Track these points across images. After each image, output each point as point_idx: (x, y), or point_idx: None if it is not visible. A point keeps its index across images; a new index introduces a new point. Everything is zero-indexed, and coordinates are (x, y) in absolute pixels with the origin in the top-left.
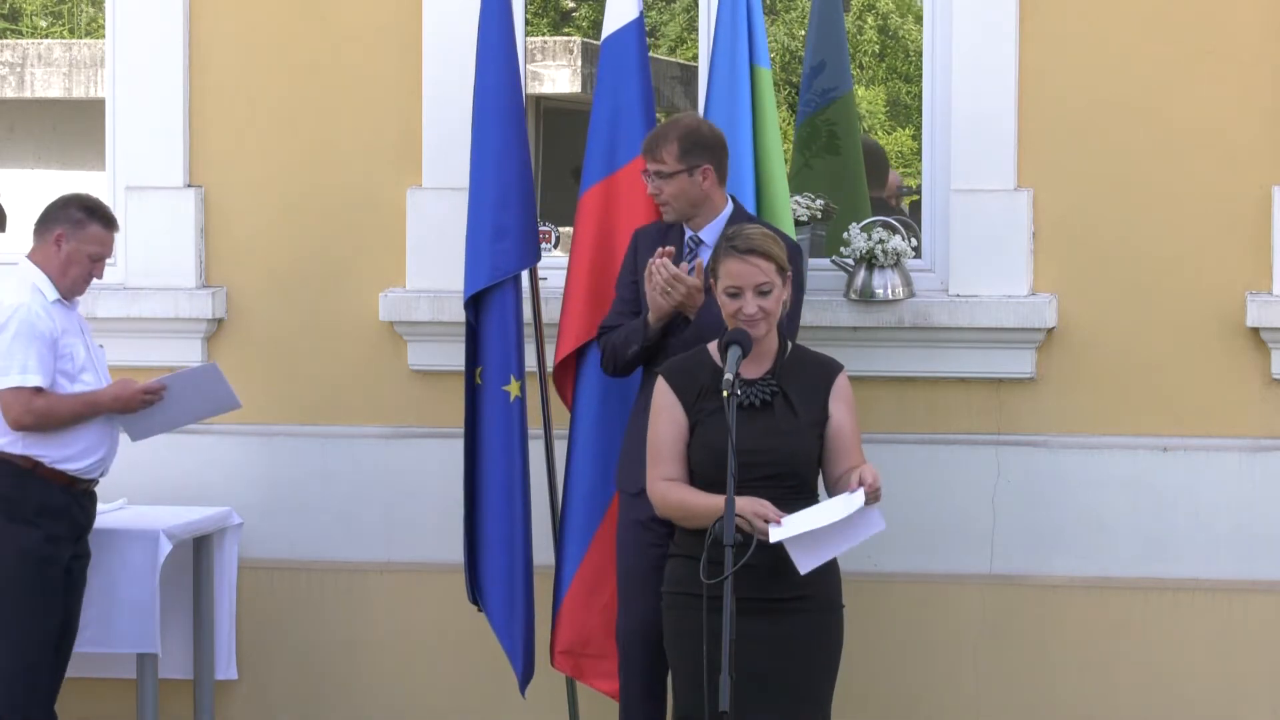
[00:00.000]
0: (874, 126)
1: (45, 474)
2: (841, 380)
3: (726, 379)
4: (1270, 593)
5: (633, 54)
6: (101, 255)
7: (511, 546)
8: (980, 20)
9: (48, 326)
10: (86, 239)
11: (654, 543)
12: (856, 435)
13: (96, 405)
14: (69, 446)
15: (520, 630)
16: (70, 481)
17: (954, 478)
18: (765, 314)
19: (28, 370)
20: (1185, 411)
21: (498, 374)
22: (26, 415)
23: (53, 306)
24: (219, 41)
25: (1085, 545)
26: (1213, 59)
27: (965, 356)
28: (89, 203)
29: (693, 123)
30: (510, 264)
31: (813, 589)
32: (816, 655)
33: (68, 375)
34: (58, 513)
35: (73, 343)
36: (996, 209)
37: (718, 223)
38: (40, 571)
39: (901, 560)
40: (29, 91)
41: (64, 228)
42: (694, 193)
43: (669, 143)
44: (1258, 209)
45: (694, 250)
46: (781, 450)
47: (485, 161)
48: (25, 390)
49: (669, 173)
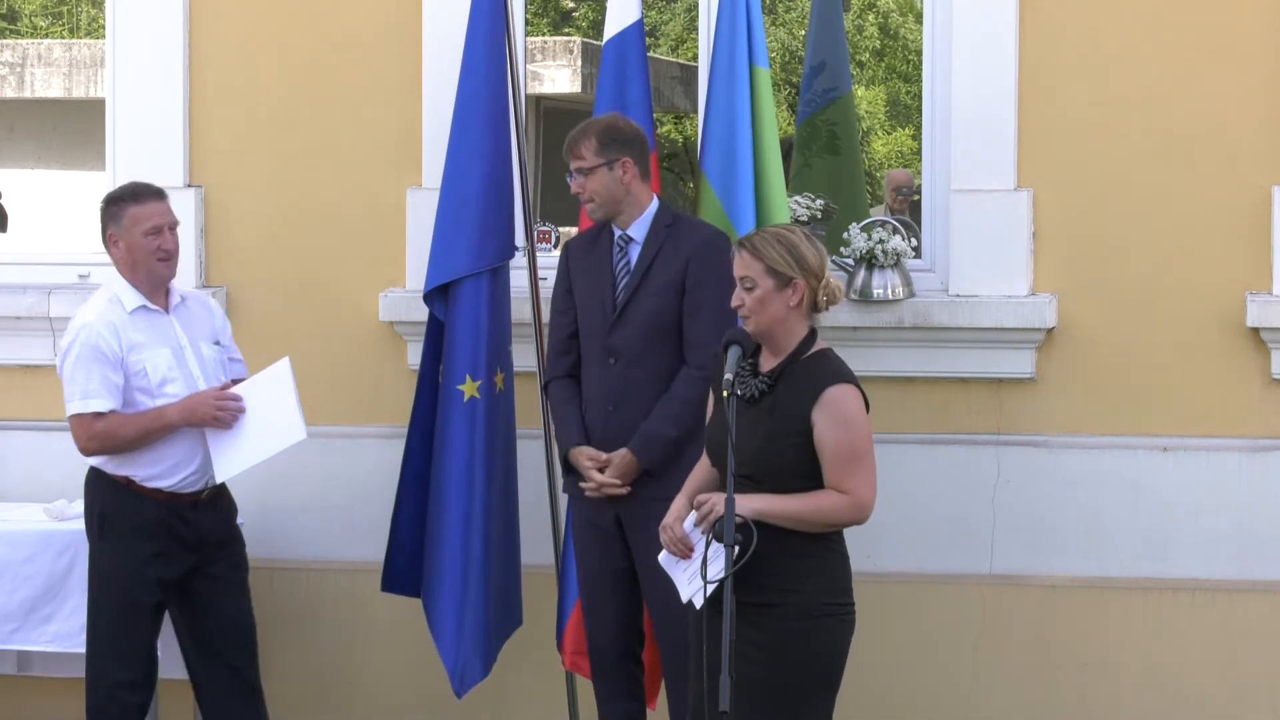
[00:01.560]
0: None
1: (139, 490)
2: (833, 394)
3: (726, 379)
4: (1270, 593)
5: (634, 56)
6: (157, 227)
7: (466, 555)
8: (980, 20)
9: (110, 346)
10: (131, 223)
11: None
12: (840, 454)
13: (164, 419)
14: (156, 465)
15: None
16: (169, 497)
17: (954, 478)
18: (749, 309)
19: (89, 395)
20: (1185, 411)
21: (453, 373)
22: (91, 441)
23: (131, 317)
24: (219, 41)
25: (1085, 545)
26: (1213, 59)
27: (965, 356)
28: (114, 193)
29: (611, 119)
30: (461, 264)
31: (789, 596)
32: (790, 663)
33: (145, 391)
34: (151, 530)
35: (149, 356)
36: (996, 209)
37: (644, 219)
38: (126, 591)
39: (901, 560)
40: (29, 91)
41: (109, 227)
42: (615, 188)
43: (587, 138)
44: (1258, 209)
45: (624, 249)
46: (753, 450)
47: (455, 159)
48: (87, 416)
49: (589, 168)
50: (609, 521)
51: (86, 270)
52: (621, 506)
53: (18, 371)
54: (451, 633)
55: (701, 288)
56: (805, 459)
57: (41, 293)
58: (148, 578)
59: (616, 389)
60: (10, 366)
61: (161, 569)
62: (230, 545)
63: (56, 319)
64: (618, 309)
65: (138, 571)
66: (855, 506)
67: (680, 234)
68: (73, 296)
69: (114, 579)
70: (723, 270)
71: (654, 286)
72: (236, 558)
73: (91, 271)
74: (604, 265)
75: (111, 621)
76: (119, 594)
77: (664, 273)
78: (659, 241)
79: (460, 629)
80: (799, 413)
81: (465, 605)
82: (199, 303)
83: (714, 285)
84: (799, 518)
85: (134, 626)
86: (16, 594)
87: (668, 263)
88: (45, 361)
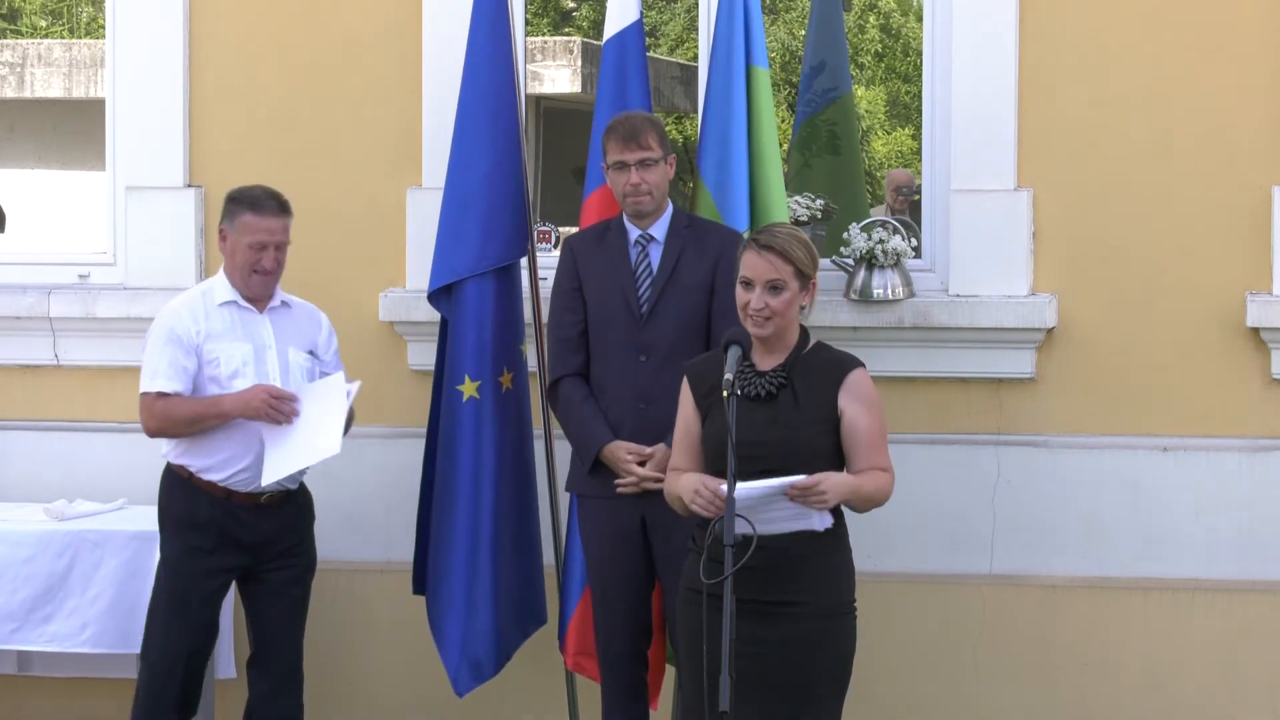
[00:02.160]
0: (874, 126)
1: (200, 484)
2: (855, 377)
3: (726, 379)
4: (1270, 593)
5: (634, 56)
6: (262, 243)
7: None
8: (980, 20)
9: (187, 331)
10: (240, 229)
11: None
12: (874, 434)
13: (220, 407)
14: (211, 456)
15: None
16: (227, 494)
17: (954, 478)
18: (773, 312)
19: (157, 375)
20: (1185, 411)
21: (453, 374)
22: (150, 420)
23: (221, 309)
24: (219, 41)
25: (1085, 545)
26: (1213, 59)
27: (965, 356)
28: (242, 193)
29: (652, 116)
30: (463, 265)
31: (809, 594)
32: (810, 661)
33: (215, 381)
34: (204, 526)
35: (224, 347)
36: (996, 209)
37: (665, 219)
38: (172, 583)
39: (901, 560)
40: (29, 91)
41: (224, 224)
42: (665, 183)
43: (651, 129)
44: (1258, 209)
45: (645, 248)
46: (777, 444)
47: (458, 160)
48: (150, 395)
49: (655, 159)
50: (633, 522)
51: (86, 270)
52: (648, 507)
53: (18, 371)
54: (456, 634)
55: (730, 288)
56: (833, 444)
57: (41, 293)
58: (193, 571)
59: (648, 385)
60: (10, 366)
61: (210, 565)
62: (292, 556)
63: (56, 319)
64: (649, 307)
65: (184, 564)
66: (892, 482)
67: (700, 235)
68: (73, 296)
69: (165, 568)
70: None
71: (684, 285)
72: (297, 572)
73: (91, 271)
74: (621, 263)
75: (156, 610)
76: (168, 583)
77: (694, 272)
78: (681, 241)
79: (466, 630)
80: (826, 400)
81: (471, 606)
82: (306, 313)
83: None
84: (868, 496)
85: (177, 618)
86: (17, 594)
87: (695, 262)
88: (45, 361)
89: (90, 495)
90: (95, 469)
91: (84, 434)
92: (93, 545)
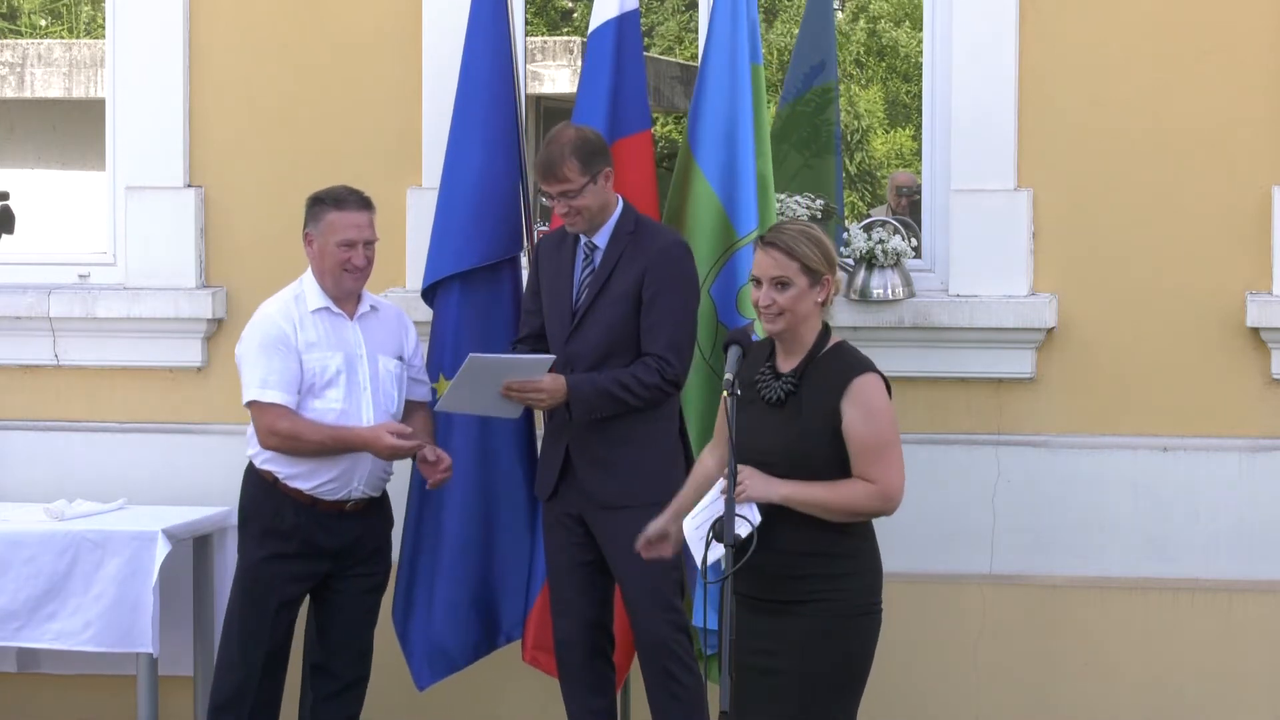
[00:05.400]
0: (873, 126)
1: (285, 490)
2: (860, 383)
3: (726, 379)
4: (1270, 593)
5: (611, 50)
6: (351, 240)
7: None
8: (980, 21)
9: (289, 336)
10: (327, 229)
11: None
12: (866, 444)
13: (347, 444)
14: (300, 465)
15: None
16: (312, 501)
17: (954, 478)
18: (781, 308)
19: (267, 385)
20: (1185, 411)
21: (431, 371)
22: (271, 437)
23: (313, 316)
24: (219, 41)
25: (1085, 545)
26: (1213, 59)
27: (965, 356)
28: (324, 193)
29: (576, 133)
30: (446, 264)
31: (824, 595)
32: (814, 661)
33: (310, 390)
34: (286, 533)
35: (319, 357)
36: (996, 209)
37: (609, 225)
38: (249, 589)
39: (901, 560)
40: (29, 91)
41: (309, 227)
42: (602, 197)
43: (567, 160)
44: (1258, 209)
45: (590, 256)
46: (785, 450)
47: (450, 160)
48: (269, 409)
49: (577, 189)
50: (571, 509)
51: (86, 270)
52: (585, 505)
53: (18, 371)
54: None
55: (659, 299)
56: (840, 452)
57: (41, 293)
58: (273, 577)
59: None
60: (10, 366)
61: (291, 571)
62: (372, 563)
63: (56, 319)
64: (576, 317)
65: (264, 569)
66: (882, 496)
67: (640, 241)
68: (73, 296)
69: (243, 572)
70: (679, 279)
71: (612, 295)
72: (374, 580)
73: (91, 271)
74: (567, 271)
75: (234, 615)
76: (247, 587)
77: (622, 282)
78: (620, 249)
79: (426, 621)
80: (829, 406)
81: (433, 597)
82: (392, 315)
83: (670, 296)
84: (824, 504)
85: (255, 623)
86: (20, 593)
87: (626, 271)
88: (45, 361)
89: (90, 495)
90: (95, 469)
91: (84, 434)
92: (93, 545)
